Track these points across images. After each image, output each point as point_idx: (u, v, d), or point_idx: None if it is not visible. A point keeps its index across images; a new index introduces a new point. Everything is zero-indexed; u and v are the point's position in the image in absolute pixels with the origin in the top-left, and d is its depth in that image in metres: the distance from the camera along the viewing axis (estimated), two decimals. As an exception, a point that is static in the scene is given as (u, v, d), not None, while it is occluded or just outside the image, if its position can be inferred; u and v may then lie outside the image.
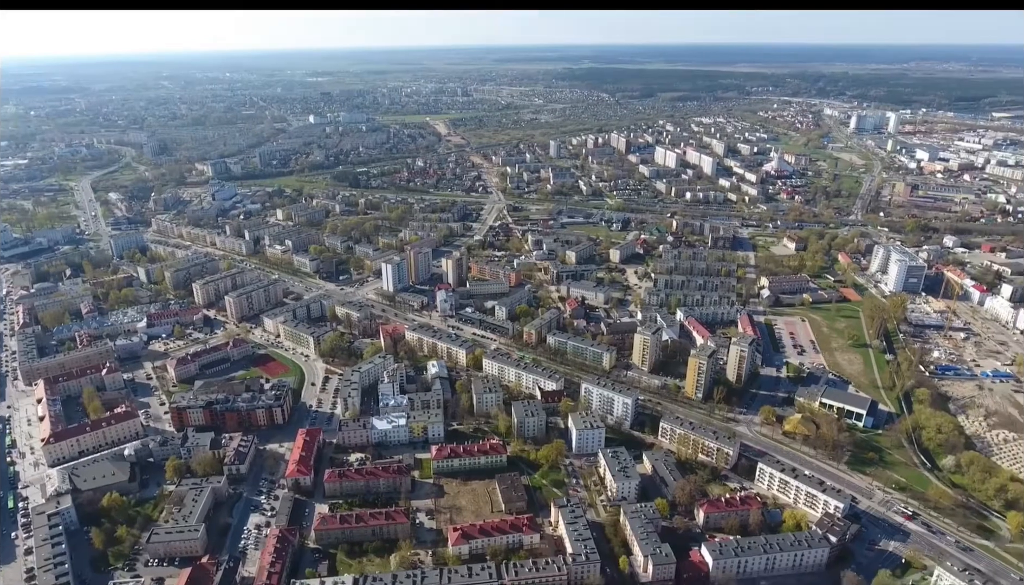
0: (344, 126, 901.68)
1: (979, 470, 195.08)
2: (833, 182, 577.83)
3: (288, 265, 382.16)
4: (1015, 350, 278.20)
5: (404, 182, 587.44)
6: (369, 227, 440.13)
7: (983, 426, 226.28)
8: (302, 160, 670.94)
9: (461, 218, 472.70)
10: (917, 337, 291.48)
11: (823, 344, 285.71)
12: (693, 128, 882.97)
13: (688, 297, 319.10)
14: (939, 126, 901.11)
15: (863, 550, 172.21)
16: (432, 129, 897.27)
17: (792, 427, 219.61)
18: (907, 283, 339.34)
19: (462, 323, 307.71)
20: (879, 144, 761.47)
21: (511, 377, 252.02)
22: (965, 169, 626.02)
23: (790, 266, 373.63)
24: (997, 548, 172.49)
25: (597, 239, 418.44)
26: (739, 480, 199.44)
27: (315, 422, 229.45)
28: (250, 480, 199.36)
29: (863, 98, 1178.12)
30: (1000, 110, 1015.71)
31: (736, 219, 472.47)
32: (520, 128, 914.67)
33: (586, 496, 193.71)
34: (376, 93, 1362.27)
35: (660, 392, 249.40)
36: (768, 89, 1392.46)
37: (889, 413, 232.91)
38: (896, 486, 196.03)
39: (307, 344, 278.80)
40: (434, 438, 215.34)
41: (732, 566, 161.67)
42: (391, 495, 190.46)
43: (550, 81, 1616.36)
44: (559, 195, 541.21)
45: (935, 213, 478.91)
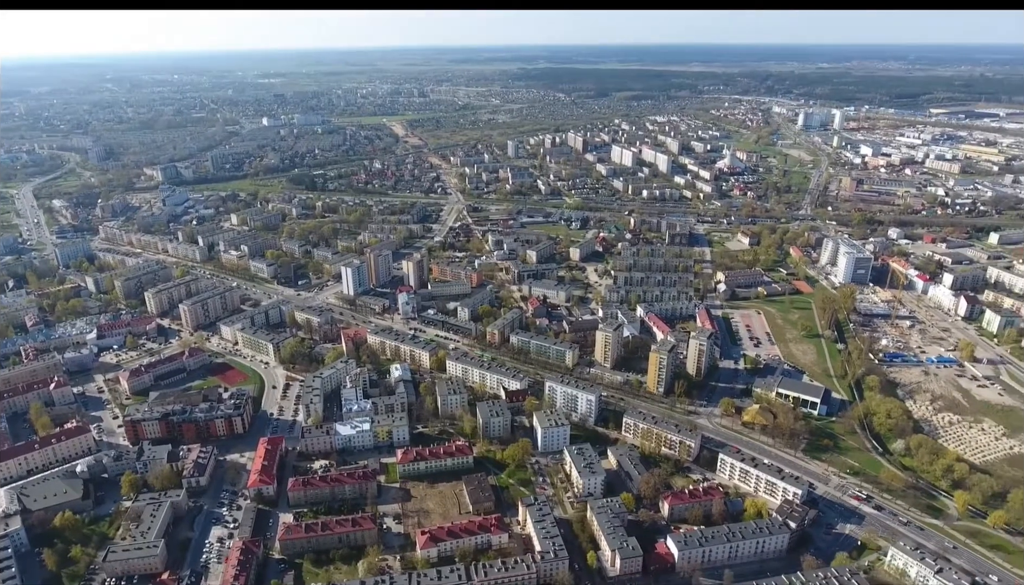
0: (299, 128, 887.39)
1: (927, 452, 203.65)
2: (783, 178, 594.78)
3: (244, 271, 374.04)
4: (957, 336, 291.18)
5: (362, 184, 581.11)
6: (327, 230, 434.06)
7: (930, 410, 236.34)
8: (256, 163, 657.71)
9: (421, 219, 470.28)
10: (866, 326, 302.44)
11: (778, 336, 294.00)
12: (648, 127, 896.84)
13: (647, 293, 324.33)
14: (881, 122, 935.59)
15: (821, 534, 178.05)
16: (389, 130, 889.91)
17: (751, 418, 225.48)
18: (855, 274, 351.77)
19: (425, 325, 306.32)
20: (825, 140, 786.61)
21: (475, 378, 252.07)
22: (906, 163, 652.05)
23: (745, 260, 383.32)
24: (946, 526, 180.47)
25: (557, 238, 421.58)
26: (701, 471, 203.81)
27: (277, 430, 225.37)
28: (211, 492, 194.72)
29: (809, 96, 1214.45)
30: (937, 107, 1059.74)
31: (692, 216, 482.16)
32: (478, 128, 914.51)
33: (553, 493, 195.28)
34: (331, 94, 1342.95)
35: (623, 388, 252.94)
36: (719, 88, 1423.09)
37: (842, 401, 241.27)
38: (850, 471, 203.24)
39: (266, 351, 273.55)
40: (399, 442, 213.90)
41: (697, 556, 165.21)
42: (357, 501, 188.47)
43: (506, 81, 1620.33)
44: (518, 195, 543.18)
45: (879, 206, 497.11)
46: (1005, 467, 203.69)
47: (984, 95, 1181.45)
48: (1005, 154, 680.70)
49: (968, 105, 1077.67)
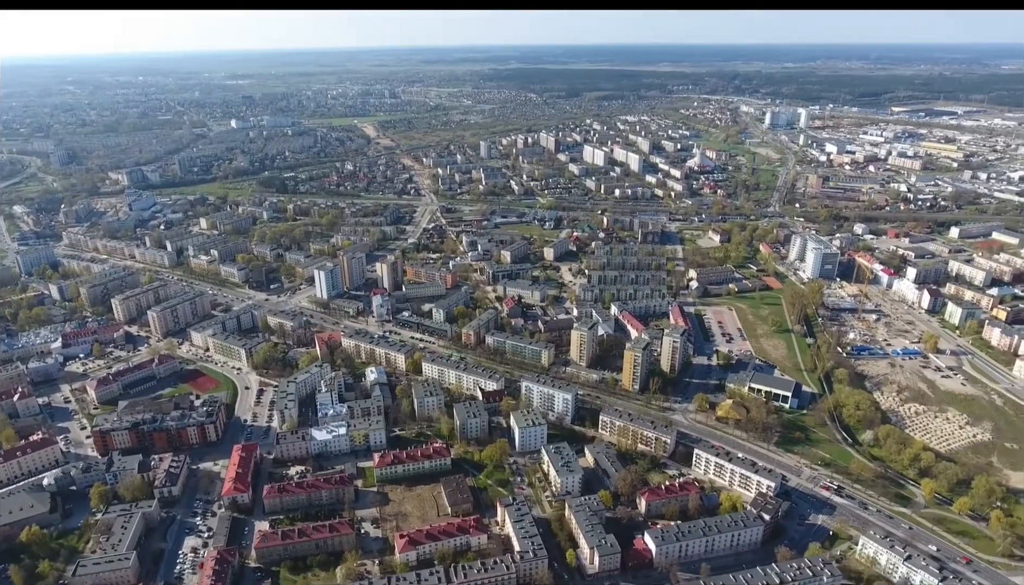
0: (268, 130, 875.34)
1: (895, 442, 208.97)
2: (752, 176, 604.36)
3: (215, 276, 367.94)
4: (921, 328, 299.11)
5: (334, 186, 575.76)
6: (299, 233, 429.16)
7: (896, 401, 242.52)
8: (225, 166, 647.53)
9: (394, 221, 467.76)
10: (834, 320, 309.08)
11: (749, 331, 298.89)
12: (619, 126, 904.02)
13: (621, 291, 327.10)
14: (845, 121, 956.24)
15: (794, 525, 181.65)
16: (361, 132, 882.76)
17: (724, 412, 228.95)
18: (823, 270, 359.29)
19: (400, 327, 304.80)
20: (792, 139, 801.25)
21: (452, 379, 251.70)
22: (870, 161, 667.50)
23: (716, 258, 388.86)
24: (913, 514, 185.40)
25: (531, 238, 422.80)
26: (677, 467, 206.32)
27: (251, 437, 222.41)
28: (184, 502, 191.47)
29: (776, 95, 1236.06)
30: (898, 105, 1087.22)
31: (664, 214, 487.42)
32: (450, 129, 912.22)
33: (531, 493, 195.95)
34: (300, 96, 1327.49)
35: (598, 386, 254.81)
36: (688, 88, 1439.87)
37: (812, 394, 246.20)
38: (822, 462, 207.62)
39: (239, 357, 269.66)
40: (376, 445, 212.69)
41: (674, 551, 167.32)
42: (334, 507, 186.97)
43: (478, 82, 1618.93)
44: (492, 195, 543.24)
45: (845, 203, 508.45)
46: (969, 455, 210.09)
47: (942, 94, 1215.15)
48: (963, 151, 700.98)
49: (928, 103, 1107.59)
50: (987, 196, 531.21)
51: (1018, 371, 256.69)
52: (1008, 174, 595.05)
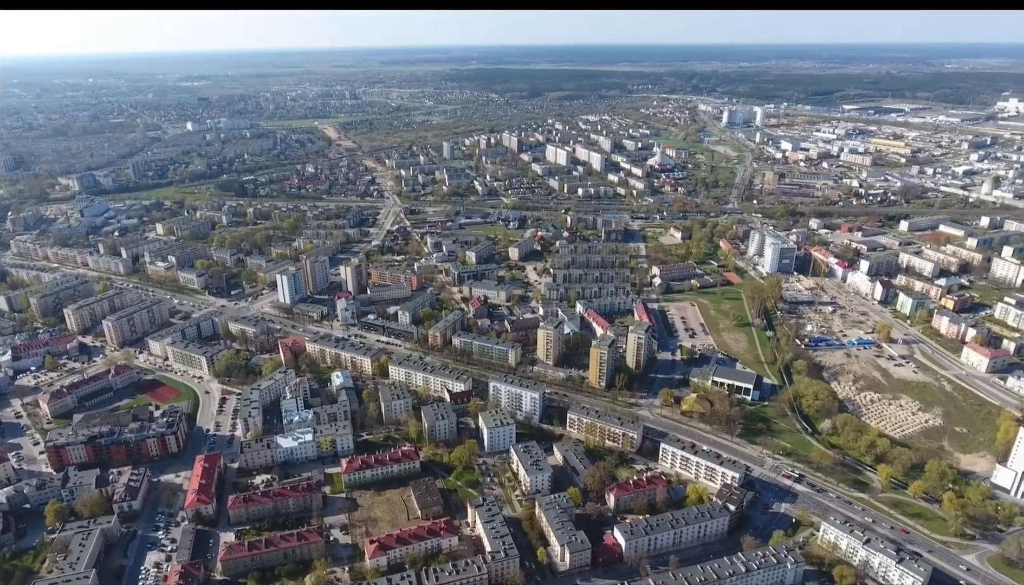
0: (226, 133, 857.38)
1: (852, 430, 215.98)
2: (711, 174, 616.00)
3: (173, 282, 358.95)
4: (875, 319, 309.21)
5: (295, 189, 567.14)
6: (260, 238, 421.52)
7: (852, 390, 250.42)
8: (182, 170, 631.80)
9: (357, 224, 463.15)
10: (792, 313, 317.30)
11: (711, 326, 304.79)
12: (581, 126, 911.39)
13: (586, 290, 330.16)
14: (799, 119, 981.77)
15: (759, 514, 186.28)
16: (321, 133, 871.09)
17: (689, 406, 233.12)
18: (781, 264, 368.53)
19: (365, 331, 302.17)
20: (749, 137, 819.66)
21: (419, 382, 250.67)
22: (823, 157, 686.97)
23: (678, 254, 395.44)
24: (871, 499, 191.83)
25: (495, 238, 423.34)
26: (645, 462, 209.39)
27: (214, 447, 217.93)
28: (145, 516, 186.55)
29: (732, 94, 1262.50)
30: (849, 103, 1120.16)
31: (626, 212, 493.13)
32: (412, 130, 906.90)
33: (501, 493, 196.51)
34: (259, 97, 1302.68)
35: (566, 384, 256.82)
36: (648, 87, 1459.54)
37: (773, 385, 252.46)
38: (783, 452, 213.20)
39: (200, 365, 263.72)
40: (343, 451, 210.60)
41: (643, 545, 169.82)
42: (302, 515, 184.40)
43: (439, 82, 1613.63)
44: (455, 196, 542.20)
45: (800, 199, 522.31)
46: (921, 439, 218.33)
47: (890, 92, 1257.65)
48: (911, 146, 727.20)
49: (876, 101, 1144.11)
50: (934, 190, 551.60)
51: (966, 358, 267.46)
52: (953, 169, 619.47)
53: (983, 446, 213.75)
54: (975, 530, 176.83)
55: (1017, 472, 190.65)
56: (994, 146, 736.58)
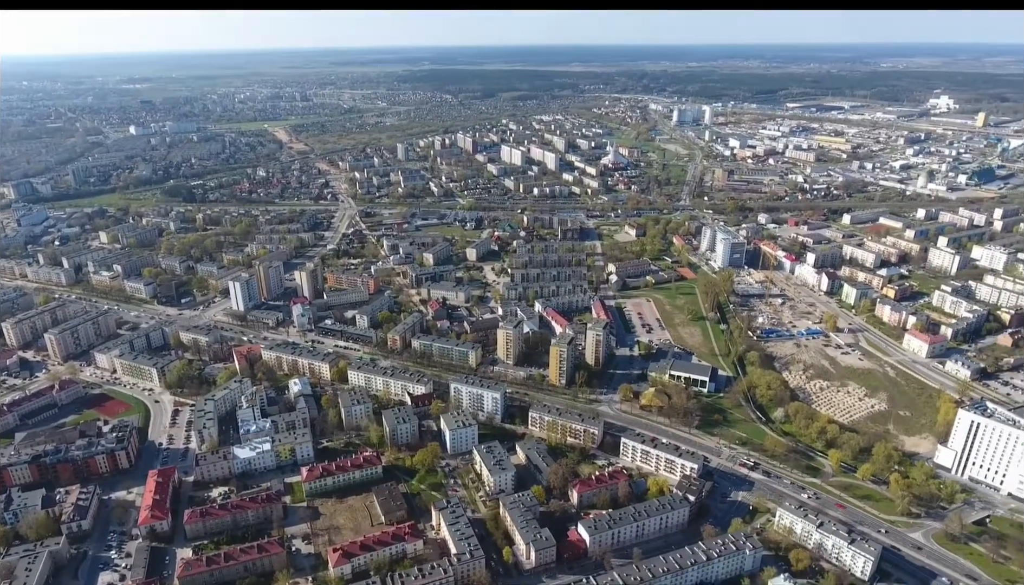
0: (172, 136, 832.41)
1: (803, 418, 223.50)
2: (663, 171, 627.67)
3: (119, 292, 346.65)
4: (821, 309, 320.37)
5: (246, 193, 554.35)
6: (210, 244, 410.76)
7: (803, 378, 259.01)
8: (125, 176, 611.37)
9: (311, 227, 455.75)
10: (744, 306, 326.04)
11: (667, 321, 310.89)
12: (535, 126, 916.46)
13: (544, 288, 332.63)
14: (746, 117, 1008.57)
15: (717, 503, 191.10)
16: (272, 136, 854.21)
17: (648, 401, 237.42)
18: (732, 259, 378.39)
19: (323, 336, 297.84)
20: (698, 135, 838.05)
21: (379, 386, 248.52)
22: (769, 154, 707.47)
23: (633, 251, 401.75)
24: (823, 484, 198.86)
25: (453, 239, 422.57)
26: (606, 457, 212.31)
27: (167, 461, 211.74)
28: (96, 536, 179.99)
29: (682, 93, 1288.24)
30: (792, 101, 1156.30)
31: (581, 211, 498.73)
32: (366, 132, 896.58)
33: (465, 494, 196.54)
34: (205, 100, 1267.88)
35: (526, 383, 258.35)
36: (599, 87, 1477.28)
37: (728, 377, 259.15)
38: (739, 441, 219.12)
39: (150, 377, 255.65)
40: (303, 459, 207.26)
41: (607, 539, 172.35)
42: (262, 526, 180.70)
43: (392, 83, 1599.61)
44: (411, 198, 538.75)
45: (749, 194, 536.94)
46: (868, 424, 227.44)
47: (831, 90, 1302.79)
48: (851, 143, 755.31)
49: (818, 99, 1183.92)
50: (873, 184, 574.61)
51: (907, 344, 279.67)
52: (890, 164, 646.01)
53: (925, 428, 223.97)
54: (920, 509, 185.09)
55: (957, 452, 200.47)
56: (928, 141, 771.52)
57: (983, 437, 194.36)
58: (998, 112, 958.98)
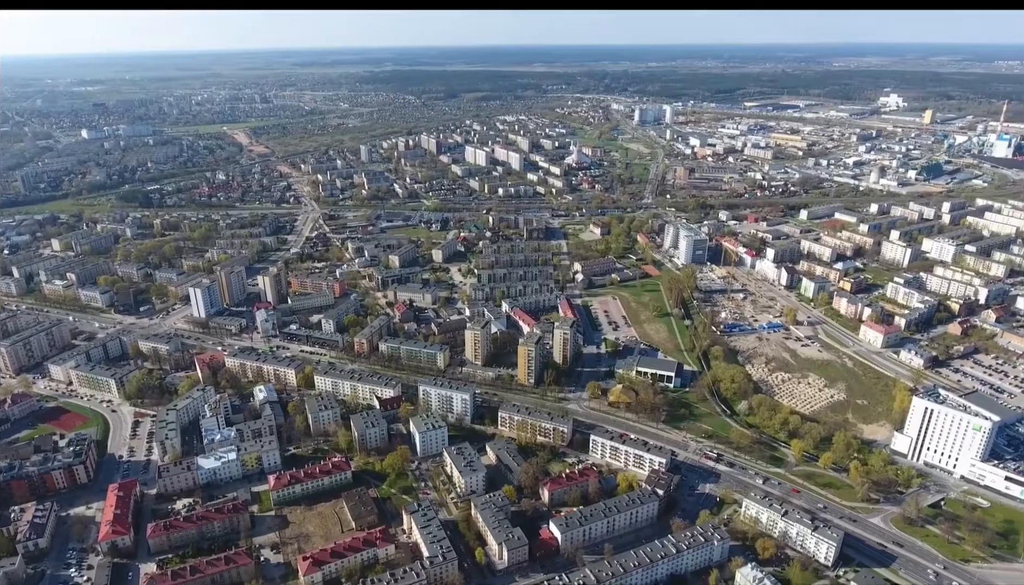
0: (126, 140, 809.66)
1: (766, 409, 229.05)
2: (626, 170, 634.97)
3: (74, 302, 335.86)
4: (782, 303, 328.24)
5: (205, 198, 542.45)
6: (169, 250, 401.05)
7: (765, 371, 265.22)
8: (78, 181, 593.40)
9: (274, 231, 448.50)
10: (707, 302, 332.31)
11: (633, 318, 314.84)
12: (499, 126, 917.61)
13: (511, 288, 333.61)
14: (705, 116, 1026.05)
15: (685, 496, 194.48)
16: (231, 139, 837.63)
17: (615, 397, 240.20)
18: (694, 255, 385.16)
19: (288, 341, 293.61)
20: (660, 134, 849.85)
21: (346, 390, 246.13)
22: (729, 152, 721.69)
23: (598, 250, 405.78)
24: (786, 473, 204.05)
25: (418, 241, 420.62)
26: (576, 454, 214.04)
27: (128, 474, 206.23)
28: (54, 554, 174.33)
29: (643, 93, 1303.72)
30: (750, 100, 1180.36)
31: (546, 210, 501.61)
32: (328, 134, 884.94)
33: (436, 497, 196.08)
34: (161, 102, 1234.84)
35: (495, 383, 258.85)
36: (562, 87, 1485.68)
37: (693, 372, 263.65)
38: (705, 435, 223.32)
39: (108, 388, 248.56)
40: (271, 467, 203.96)
41: (579, 536, 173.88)
42: (229, 537, 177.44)
43: (354, 85, 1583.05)
44: (375, 200, 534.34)
45: (710, 192, 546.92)
46: (828, 414, 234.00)
47: (786, 89, 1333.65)
48: (807, 140, 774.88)
49: (774, 98, 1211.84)
50: (828, 181, 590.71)
51: (863, 335, 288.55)
52: (844, 160, 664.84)
53: (882, 416, 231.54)
54: (879, 494, 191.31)
55: (912, 438, 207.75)
56: (878, 138, 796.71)
57: (936, 423, 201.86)
58: (944, 109, 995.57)
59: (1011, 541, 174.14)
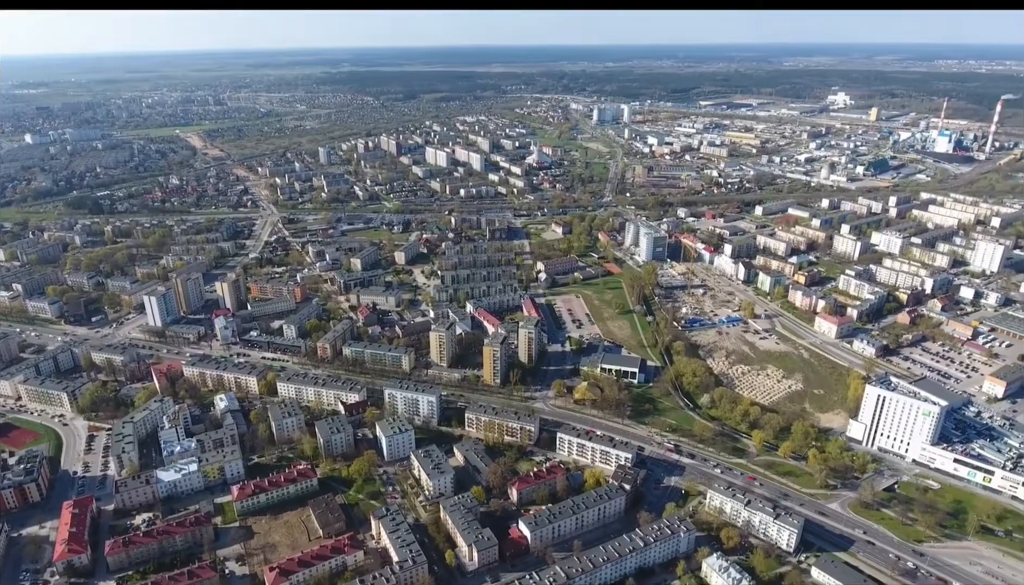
0: (73, 144, 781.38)
1: (727, 402, 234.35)
2: (586, 170, 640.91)
3: (21, 313, 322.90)
4: (740, 298, 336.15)
5: (158, 203, 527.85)
6: (122, 257, 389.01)
7: (726, 364, 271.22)
8: (23, 188, 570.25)
9: (232, 236, 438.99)
10: (668, 298, 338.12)
11: (596, 315, 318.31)
12: (459, 127, 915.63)
13: (475, 289, 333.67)
14: (662, 115, 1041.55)
15: (651, 490, 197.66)
16: (185, 142, 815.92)
17: (581, 394, 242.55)
18: (655, 252, 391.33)
19: (249, 348, 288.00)
20: (618, 133, 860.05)
21: (310, 396, 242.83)
22: (685, 150, 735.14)
23: (560, 249, 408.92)
24: (748, 463, 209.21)
25: (380, 243, 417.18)
26: (543, 453, 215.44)
27: (84, 490, 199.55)
28: (6, 576, 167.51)
29: (601, 93, 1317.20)
30: (705, 99, 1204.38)
31: (508, 211, 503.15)
32: (285, 136, 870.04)
33: (405, 501, 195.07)
34: (110, 105, 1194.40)
35: (461, 384, 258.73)
36: (521, 87, 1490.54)
37: (656, 367, 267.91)
38: (669, 429, 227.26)
39: (60, 402, 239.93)
40: (234, 477, 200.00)
41: (548, 534, 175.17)
42: (192, 551, 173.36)
43: (310, 86, 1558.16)
44: (335, 202, 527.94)
45: (668, 190, 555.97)
46: (787, 404, 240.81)
47: (739, 88, 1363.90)
48: (760, 138, 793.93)
49: (728, 97, 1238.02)
50: (781, 177, 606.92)
51: (818, 327, 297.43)
52: (796, 157, 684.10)
53: (837, 404, 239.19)
54: (836, 480, 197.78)
55: (866, 425, 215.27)
56: (828, 135, 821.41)
57: (888, 410, 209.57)
58: (888, 107, 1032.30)
59: (960, 520, 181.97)
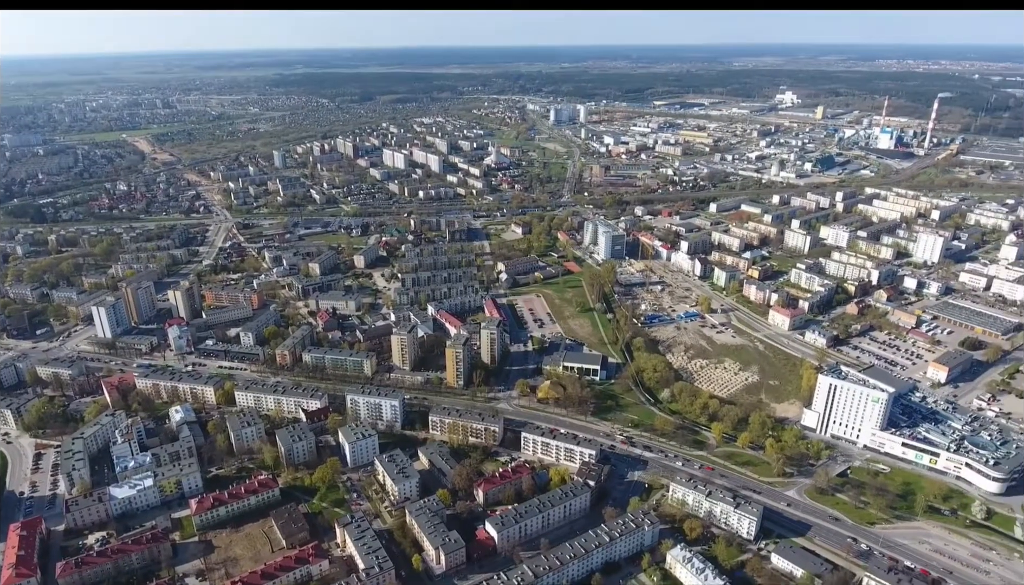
0: (12, 150, 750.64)
1: (687, 395, 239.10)
2: (544, 170, 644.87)
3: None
4: (697, 293, 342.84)
5: (105, 210, 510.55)
6: (67, 267, 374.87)
7: (684, 359, 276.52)
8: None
9: (184, 243, 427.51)
10: (627, 295, 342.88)
11: (557, 314, 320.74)
12: (416, 129, 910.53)
13: (436, 291, 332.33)
14: (617, 115, 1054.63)
15: (616, 485, 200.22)
16: (132, 147, 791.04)
17: (544, 393, 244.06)
18: (613, 250, 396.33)
19: (204, 358, 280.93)
20: (575, 133, 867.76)
21: (270, 405, 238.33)
22: (641, 150, 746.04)
23: (520, 249, 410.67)
24: (708, 455, 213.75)
25: (339, 247, 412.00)
26: (508, 453, 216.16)
27: (32, 511, 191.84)
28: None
29: (557, 93, 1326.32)
30: (659, 99, 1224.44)
31: (468, 212, 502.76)
32: (238, 139, 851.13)
33: (370, 507, 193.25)
34: (51, 109, 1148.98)
35: (424, 387, 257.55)
36: (478, 88, 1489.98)
37: (617, 364, 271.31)
38: (632, 424, 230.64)
39: (3, 419, 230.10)
40: (192, 491, 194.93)
41: (515, 533, 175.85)
42: (150, 569, 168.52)
43: (263, 88, 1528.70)
44: (292, 206, 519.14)
45: (625, 188, 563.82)
46: (744, 395, 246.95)
47: (692, 88, 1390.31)
48: (713, 137, 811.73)
49: (681, 97, 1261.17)
50: (734, 174, 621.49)
51: (772, 319, 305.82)
52: (747, 155, 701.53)
53: (792, 394, 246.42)
54: (793, 468, 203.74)
55: (819, 413, 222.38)
56: (777, 133, 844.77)
57: (840, 398, 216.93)
58: (833, 105, 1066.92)
59: (909, 502, 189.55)
